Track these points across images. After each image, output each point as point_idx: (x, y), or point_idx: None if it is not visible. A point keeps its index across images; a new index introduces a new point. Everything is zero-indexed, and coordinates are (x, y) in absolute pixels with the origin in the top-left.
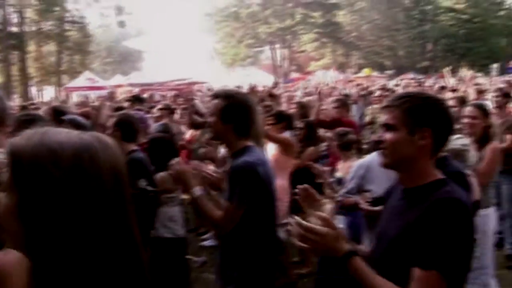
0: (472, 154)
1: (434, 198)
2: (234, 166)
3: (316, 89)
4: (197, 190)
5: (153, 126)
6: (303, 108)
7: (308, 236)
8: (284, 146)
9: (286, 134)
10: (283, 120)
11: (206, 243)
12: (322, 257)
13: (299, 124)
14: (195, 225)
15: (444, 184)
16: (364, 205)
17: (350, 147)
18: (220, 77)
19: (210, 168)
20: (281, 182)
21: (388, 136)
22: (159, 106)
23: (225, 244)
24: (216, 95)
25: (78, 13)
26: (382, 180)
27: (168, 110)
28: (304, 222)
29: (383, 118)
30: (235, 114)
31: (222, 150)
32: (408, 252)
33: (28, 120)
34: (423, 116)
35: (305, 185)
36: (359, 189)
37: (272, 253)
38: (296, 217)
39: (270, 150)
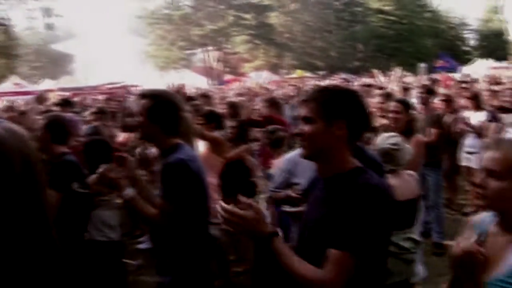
0: (404, 154)
1: (351, 185)
2: (166, 163)
3: (248, 90)
4: (129, 191)
5: (84, 129)
6: (234, 108)
7: (232, 219)
8: (215, 145)
9: (217, 134)
10: (213, 119)
11: (141, 246)
12: (257, 254)
13: (230, 123)
14: (130, 228)
15: (361, 172)
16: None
17: (281, 144)
18: (152, 80)
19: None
20: (211, 180)
21: (306, 128)
22: (92, 110)
23: (159, 243)
24: (142, 95)
25: (3, 14)
26: (309, 173)
27: (101, 114)
28: (228, 206)
29: (301, 111)
30: (162, 113)
31: (153, 150)
32: (326, 236)
33: None
34: (338, 108)
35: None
36: (288, 183)
37: (208, 251)
38: (222, 202)
39: (201, 148)
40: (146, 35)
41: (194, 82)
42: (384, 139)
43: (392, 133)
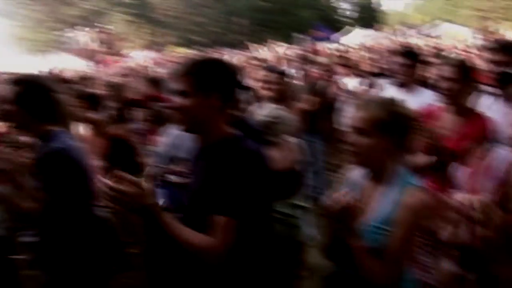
0: (286, 125)
1: (228, 152)
2: (44, 153)
3: (130, 70)
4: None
5: None
6: (115, 89)
7: (117, 196)
8: (97, 127)
9: (98, 116)
10: (94, 101)
11: (25, 239)
12: (149, 234)
13: (111, 104)
14: (13, 222)
15: (237, 139)
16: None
17: (165, 121)
18: (23, 64)
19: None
20: (95, 163)
21: (182, 102)
22: None
23: (43, 237)
24: (11, 81)
25: None
26: (188, 147)
27: None
28: (111, 183)
29: (176, 86)
30: (33, 98)
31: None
32: (208, 203)
33: None
34: (211, 79)
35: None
36: (172, 158)
37: (99, 239)
38: (104, 179)
39: (82, 132)
40: (13, 16)
41: (71, 64)
42: (266, 112)
43: (274, 106)
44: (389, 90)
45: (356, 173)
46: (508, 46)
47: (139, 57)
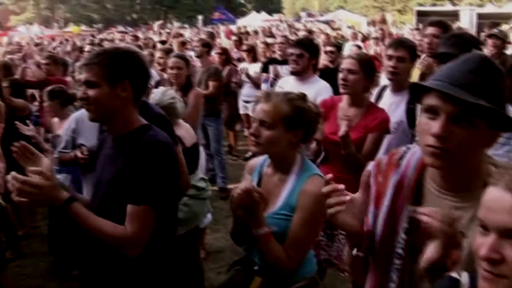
0: (181, 105)
1: (139, 142)
2: None
3: (20, 46)
4: None
5: None
6: (7, 68)
7: (25, 189)
8: None
9: None
10: None
11: None
12: (52, 218)
13: (3, 84)
14: None
15: (147, 129)
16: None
17: (66, 104)
18: None
19: None
20: None
21: (90, 92)
22: None
23: None
24: None
25: None
26: (91, 133)
27: None
28: (19, 176)
29: (84, 75)
30: None
31: None
32: (122, 193)
33: None
34: (121, 69)
35: (21, 142)
36: (73, 144)
37: None
38: (12, 172)
39: None
40: None
41: None
42: (161, 95)
43: (166, 88)
44: (286, 79)
45: (258, 161)
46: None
47: (29, 32)
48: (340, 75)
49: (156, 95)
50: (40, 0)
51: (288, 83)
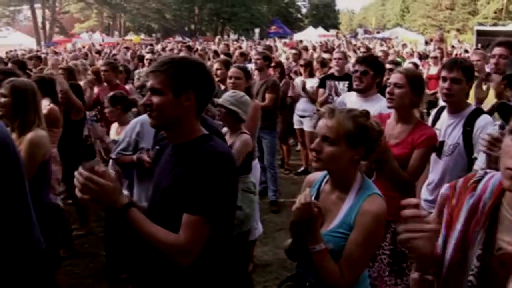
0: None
1: (199, 151)
2: None
3: (85, 53)
4: None
5: None
6: (70, 72)
7: (88, 186)
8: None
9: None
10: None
11: None
12: (108, 220)
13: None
14: None
15: (208, 139)
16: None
17: (127, 110)
18: None
19: None
20: (52, 151)
21: (155, 99)
22: None
23: None
24: None
25: None
26: (151, 138)
27: None
28: (85, 172)
29: (149, 82)
30: None
31: None
32: (179, 201)
33: None
34: (186, 79)
35: (90, 164)
36: (135, 147)
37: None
38: (80, 169)
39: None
40: None
41: (20, 42)
42: (233, 93)
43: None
44: (348, 94)
45: (317, 176)
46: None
47: (92, 39)
48: (387, 89)
49: (229, 93)
50: (103, 9)
51: (350, 99)
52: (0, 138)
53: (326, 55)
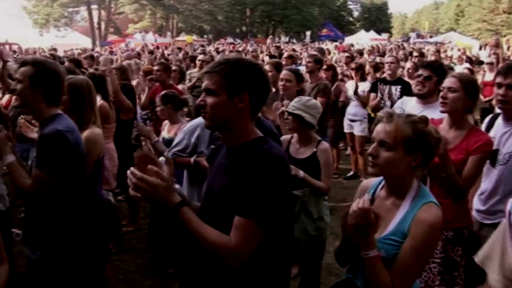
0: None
1: (253, 154)
2: (43, 133)
3: (138, 53)
4: (9, 157)
5: None
6: (123, 71)
7: (140, 185)
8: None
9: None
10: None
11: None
12: (152, 214)
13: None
14: (13, 196)
15: (263, 142)
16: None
17: (179, 109)
18: (31, 38)
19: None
20: (107, 146)
21: (209, 100)
22: None
23: (32, 215)
24: (24, 62)
25: None
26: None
27: None
28: (137, 172)
29: (204, 83)
30: (45, 80)
31: None
32: (231, 203)
33: None
34: (240, 80)
35: (144, 151)
36: (192, 150)
37: (98, 220)
38: (133, 169)
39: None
40: None
41: (77, 41)
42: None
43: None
44: (408, 99)
45: (372, 182)
46: None
47: (145, 40)
48: (441, 93)
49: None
50: (156, 10)
51: (409, 104)
52: (74, 140)
53: (380, 59)
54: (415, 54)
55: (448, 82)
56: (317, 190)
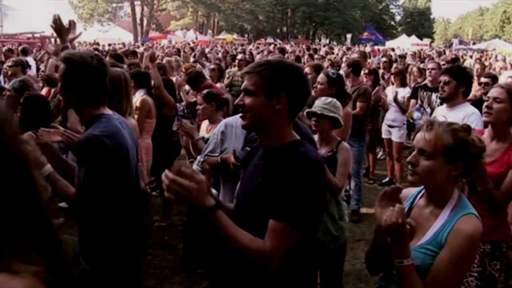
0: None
1: (289, 157)
2: (81, 139)
3: (175, 49)
4: (47, 169)
5: (12, 83)
6: (161, 68)
7: (173, 188)
8: (144, 109)
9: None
10: (140, 79)
11: (62, 204)
12: (189, 212)
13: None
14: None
15: (299, 145)
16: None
17: (220, 108)
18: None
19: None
20: (145, 142)
21: (247, 100)
22: (9, 63)
23: (83, 222)
24: (62, 59)
25: None
26: (238, 140)
27: (20, 66)
28: (170, 174)
29: (244, 83)
30: (76, 79)
31: None
32: (266, 206)
33: None
34: (279, 82)
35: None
36: (220, 147)
37: (136, 224)
38: (167, 171)
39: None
40: None
41: (119, 36)
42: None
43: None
44: (440, 108)
45: (412, 190)
46: None
47: (187, 37)
48: (485, 103)
49: (321, 102)
50: (198, 8)
51: (440, 108)
52: (113, 145)
53: (421, 65)
54: (442, 62)
55: (494, 92)
56: (331, 187)
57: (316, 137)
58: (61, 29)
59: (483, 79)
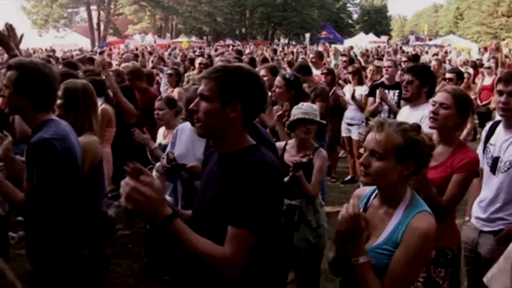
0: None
1: (245, 162)
2: (30, 143)
3: (135, 54)
4: None
5: None
6: (120, 76)
7: (133, 196)
8: (105, 119)
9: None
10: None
11: (21, 218)
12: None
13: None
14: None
15: (255, 150)
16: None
17: (177, 114)
18: (30, 39)
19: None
20: (104, 151)
21: (202, 106)
22: None
23: (29, 228)
24: (9, 66)
25: None
26: (185, 145)
27: None
28: (131, 182)
29: (200, 88)
30: (30, 85)
31: None
32: (224, 212)
33: None
34: (235, 90)
35: (135, 164)
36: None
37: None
38: (127, 178)
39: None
40: None
41: (76, 42)
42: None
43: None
44: (404, 108)
45: (366, 190)
46: None
47: (145, 41)
48: (431, 108)
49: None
50: (155, 12)
51: (403, 108)
52: (63, 148)
53: (378, 63)
54: (403, 59)
55: (440, 97)
56: (305, 193)
57: (292, 142)
58: (4, 40)
59: (448, 75)
